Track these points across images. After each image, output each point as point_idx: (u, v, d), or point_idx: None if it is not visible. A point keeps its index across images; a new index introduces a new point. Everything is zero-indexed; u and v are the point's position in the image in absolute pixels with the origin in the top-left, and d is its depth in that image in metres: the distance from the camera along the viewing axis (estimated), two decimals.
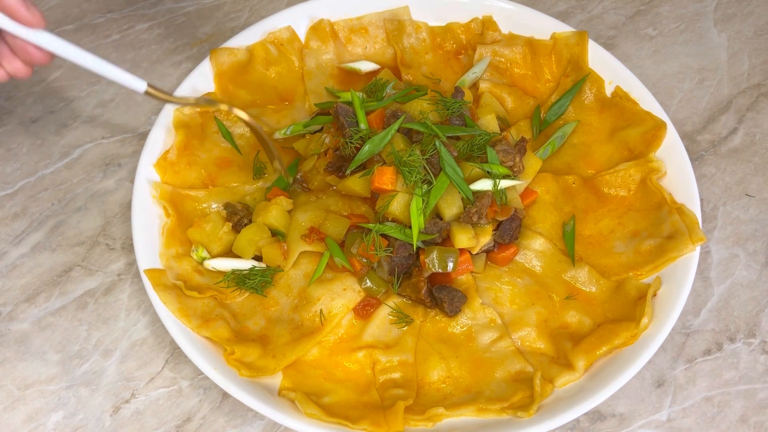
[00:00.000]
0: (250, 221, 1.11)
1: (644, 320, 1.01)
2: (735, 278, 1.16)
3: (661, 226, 1.11)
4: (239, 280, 1.07)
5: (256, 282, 1.06)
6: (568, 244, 1.12)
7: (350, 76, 1.28)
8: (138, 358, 1.07)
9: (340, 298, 1.06)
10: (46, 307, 1.10)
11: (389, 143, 1.08)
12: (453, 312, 1.06)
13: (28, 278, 1.12)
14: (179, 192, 1.12)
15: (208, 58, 1.22)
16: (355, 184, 1.08)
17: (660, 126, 1.17)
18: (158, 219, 1.09)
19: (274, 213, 1.09)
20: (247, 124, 1.10)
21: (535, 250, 1.12)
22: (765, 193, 1.25)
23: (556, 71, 1.27)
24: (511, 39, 1.28)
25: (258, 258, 1.10)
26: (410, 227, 1.04)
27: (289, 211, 1.11)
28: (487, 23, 1.29)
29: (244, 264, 1.08)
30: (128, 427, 1.02)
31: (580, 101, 1.24)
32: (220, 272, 1.08)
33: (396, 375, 1.03)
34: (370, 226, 1.05)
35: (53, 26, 1.37)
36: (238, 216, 1.11)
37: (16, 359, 1.07)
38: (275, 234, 1.10)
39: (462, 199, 1.05)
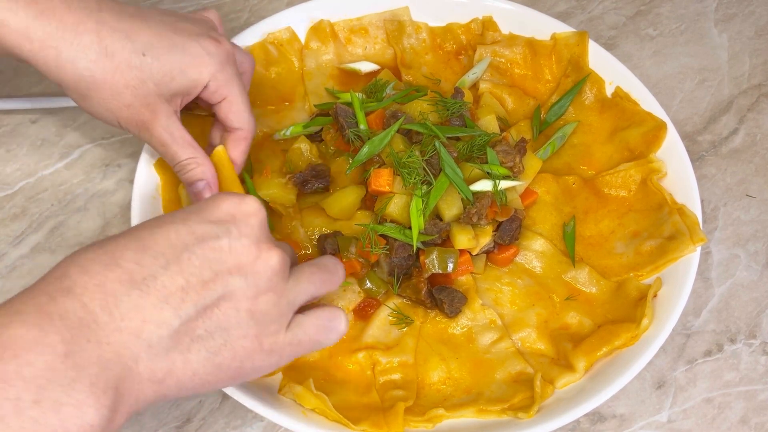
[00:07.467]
0: None
1: (645, 321, 1.01)
2: (736, 279, 1.16)
3: (662, 227, 1.10)
4: None
5: None
6: (569, 245, 1.12)
7: (350, 77, 1.27)
8: None
9: (339, 299, 1.06)
10: None
11: (388, 144, 1.08)
12: (453, 313, 1.05)
13: (27, 279, 1.12)
14: (179, 192, 1.12)
15: None
16: None
17: (660, 126, 1.17)
18: None
19: (276, 182, 1.06)
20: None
21: (535, 251, 1.12)
22: (766, 193, 1.24)
23: (556, 72, 1.27)
24: (512, 39, 1.28)
25: None
26: (410, 228, 1.03)
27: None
28: (488, 24, 1.28)
29: None
30: (128, 429, 1.02)
31: (581, 102, 1.24)
32: None
33: (396, 376, 1.03)
34: (368, 225, 1.04)
35: None
36: None
37: None
38: (275, 212, 1.08)
39: (462, 199, 1.05)
